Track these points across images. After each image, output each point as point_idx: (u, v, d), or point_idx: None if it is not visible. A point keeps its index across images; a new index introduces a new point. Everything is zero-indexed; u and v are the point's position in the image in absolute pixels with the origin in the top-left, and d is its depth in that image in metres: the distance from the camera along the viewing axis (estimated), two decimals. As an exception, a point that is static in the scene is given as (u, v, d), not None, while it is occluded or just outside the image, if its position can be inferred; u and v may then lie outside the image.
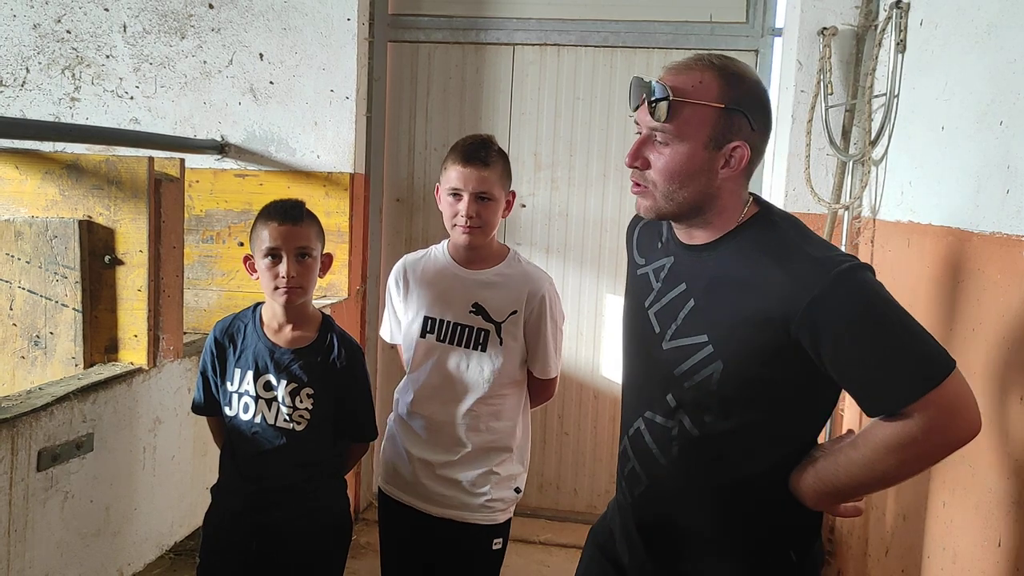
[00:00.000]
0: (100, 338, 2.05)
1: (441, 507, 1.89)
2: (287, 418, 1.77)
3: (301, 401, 1.77)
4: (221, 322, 1.87)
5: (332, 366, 1.80)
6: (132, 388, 1.99)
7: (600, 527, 1.54)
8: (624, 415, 1.43)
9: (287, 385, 1.77)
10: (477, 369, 1.85)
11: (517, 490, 1.95)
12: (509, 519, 1.95)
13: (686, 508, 1.32)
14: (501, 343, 1.85)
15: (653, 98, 1.22)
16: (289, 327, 1.80)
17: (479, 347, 1.85)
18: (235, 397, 1.79)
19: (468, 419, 1.87)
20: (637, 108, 1.28)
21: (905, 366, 1.12)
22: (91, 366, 2.03)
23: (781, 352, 1.18)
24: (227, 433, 1.84)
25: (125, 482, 1.98)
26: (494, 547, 1.92)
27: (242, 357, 1.80)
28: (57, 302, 2.02)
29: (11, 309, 2.04)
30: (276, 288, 1.73)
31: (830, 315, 1.13)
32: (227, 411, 1.81)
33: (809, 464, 1.24)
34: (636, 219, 1.53)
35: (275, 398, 1.77)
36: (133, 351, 2.05)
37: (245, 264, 1.81)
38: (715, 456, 1.27)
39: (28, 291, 2.03)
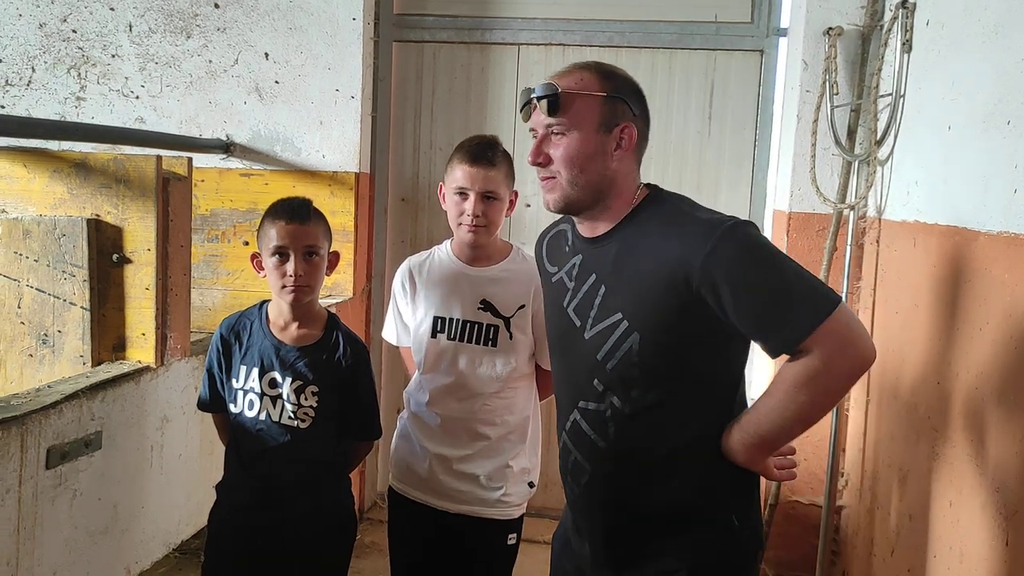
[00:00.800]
0: (108, 336, 2.05)
1: (457, 503, 1.90)
2: (291, 415, 1.77)
3: (306, 399, 1.77)
4: (228, 319, 1.87)
5: (337, 364, 1.80)
6: (140, 386, 2.00)
7: (558, 532, 1.62)
8: (559, 413, 1.50)
9: (292, 382, 1.77)
10: (489, 365, 1.87)
11: (531, 484, 1.97)
12: (523, 515, 1.97)
13: (630, 486, 1.38)
14: (511, 337, 1.87)
15: (542, 95, 1.34)
16: (295, 325, 1.80)
17: (490, 343, 1.87)
18: (240, 394, 1.80)
19: (483, 413, 1.88)
20: (529, 114, 1.40)
21: (794, 304, 1.22)
22: (99, 364, 2.03)
23: (688, 309, 1.27)
24: (232, 430, 1.84)
25: (133, 480, 1.99)
26: (509, 542, 1.93)
27: (248, 354, 1.81)
28: (65, 300, 2.03)
29: (19, 307, 2.05)
30: (284, 287, 1.74)
31: (722, 267, 1.23)
32: (232, 408, 1.82)
33: (734, 423, 1.33)
34: (541, 236, 1.65)
35: (280, 395, 1.77)
36: (141, 349, 2.05)
37: (252, 262, 1.81)
38: (648, 428, 1.35)
39: (36, 289, 2.04)
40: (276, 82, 3.08)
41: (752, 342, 1.33)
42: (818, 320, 1.20)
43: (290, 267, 1.73)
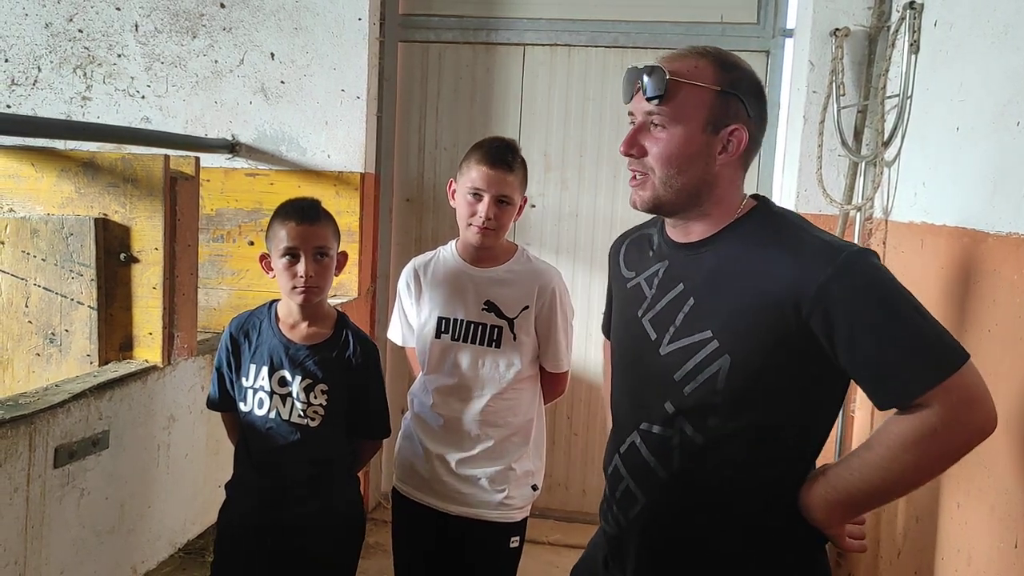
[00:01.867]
0: (115, 336, 2.05)
1: (459, 505, 1.90)
2: (301, 414, 1.77)
3: (316, 397, 1.77)
4: (237, 318, 1.88)
5: (347, 363, 1.81)
6: (147, 386, 2.00)
7: (583, 566, 1.47)
8: (615, 433, 1.36)
9: (302, 381, 1.77)
10: (493, 365, 1.87)
11: (534, 487, 1.97)
12: (526, 518, 1.96)
13: (687, 523, 1.25)
14: (515, 339, 1.87)
15: (649, 78, 1.20)
16: (304, 324, 1.81)
17: (493, 343, 1.86)
18: (250, 393, 1.80)
19: (486, 415, 1.88)
20: (631, 96, 1.25)
21: (921, 352, 1.08)
22: (106, 364, 2.03)
23: (790, 339, 1.14)
24: (242, 429, 1.84)
25: (140, 480, 1.99)
26: (511, 545, 1.92)
27: (257, 353, 1.81)
28: (72, 300, 2.03)
29: (27, 306, 2.05)
30: (294, 288, 1.74)
31: (841, 298, 1.10)
32: (242, 407, 1.82)
33: (819, 474, 1.19)
34: (620, 239, 1.50)
35: (289, 394, 1.77)
36: (148, 349, 2.05)
37: (261, 263, 1.81)
38: (719, 464, 1.21)
39: (44, 288, 2.04)
40: (282, 82, 3.08)
41: (855, 389, 1.20)
42: (943, 375, 1.06)
43: (300, 268, 1.73)
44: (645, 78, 1.20)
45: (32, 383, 2.02)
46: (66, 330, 2.04)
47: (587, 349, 3.29)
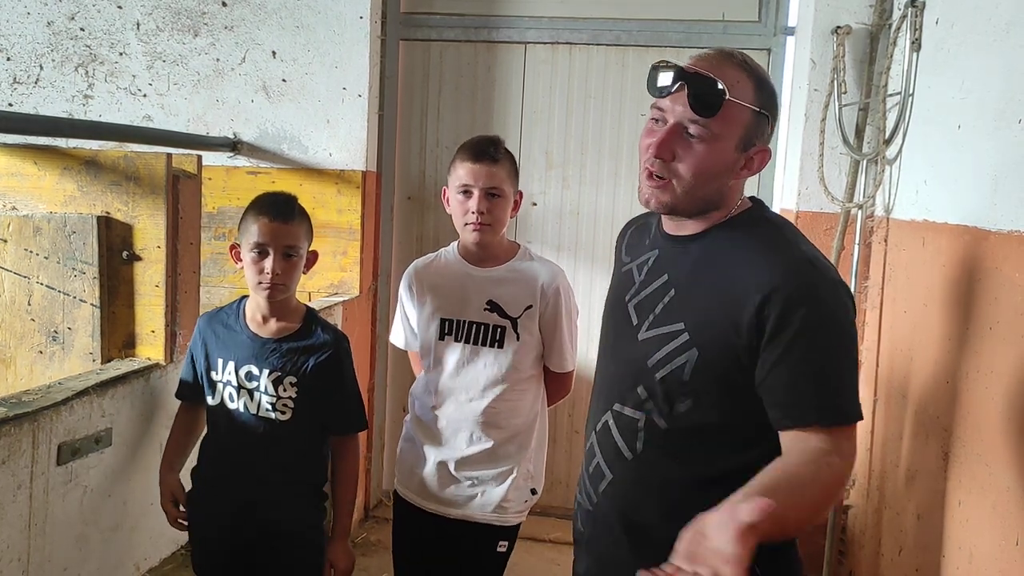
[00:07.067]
0: (117, 333, 2.06)
1: (456, 508, 1.88)
2: (269, 407, 1.78)
3: (284, 390, 1.78)
4: (207, 313, 1.91)
5: (316, 354, 1.81)
6: (149, 383, 2.00)
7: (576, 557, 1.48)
8: (592, 411, 1.39)
9: (270, 374, 1.78)
10: (496, 366, 1.86)
11: (533, 491, 1.95)
12: (520, 523, 1.94)
13: (646, 506, 1.28)
14: (518, 338, 1.86)
15: (701, 91, 1.16)
16: (273, 320, 1.82)
17: (496, 344, 1.86)
18: (219, 386, 1.82)
19: (488, 415, 1.87)
20: (664, 93, 1.20)
21: (836, 393, 1.14)
22: (108, 361, 2.04)
23: (750, 339, 1.16)
24: (211, 423, 1.86)
25: (142, 477, 1.99)
26: (499, 549, 1.90)
27: (226, 347, 1.82)
28: (75, 297, 2.03)
29: (29, 304, 2.05)
30: (260, 283, 1.76)
31: (804, 311, 1.12)
32: (210, 400, 1.83)
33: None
34: (628, 223, 1.52)
35: (257, 387, 1.79)
36: (150, 346, 2.06)
37: (231, 252, 1.83)
38: (678, 451, 1.25)
39: (46, 286, 2.04)
40: (283, 80, 3.09)
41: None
42: (848, 420, 1.14)
43: (268, 264, 1.74)
44: (697, 89, 1.16)
45: (35, 381, 2.03)
46: (69, 328, 2.04)
47: (588, 348, 3.28)
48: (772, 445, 1.21)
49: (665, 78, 1.20)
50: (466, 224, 1.83)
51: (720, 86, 1.16)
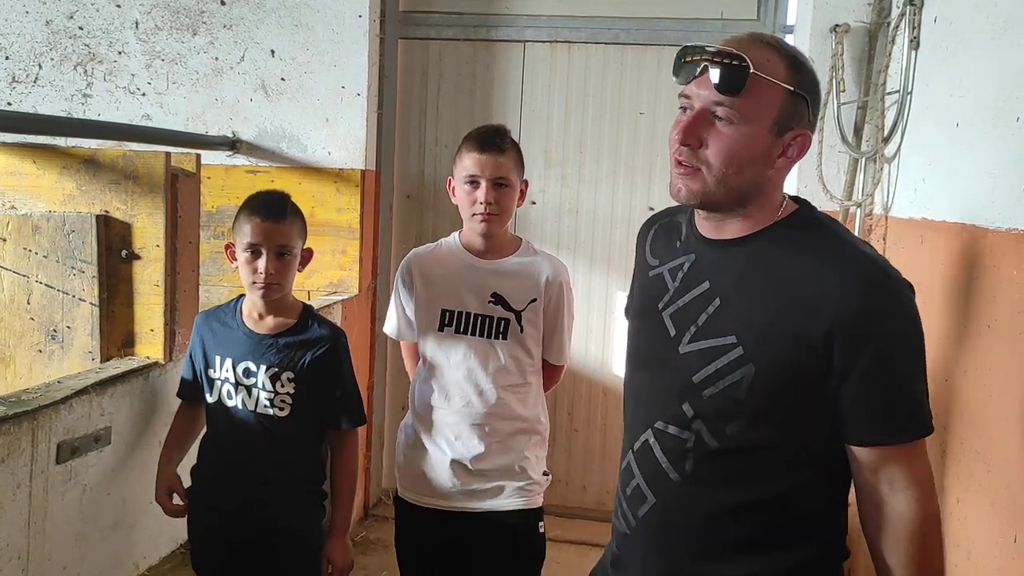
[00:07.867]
0: (116, 332, 2.06)
1: (485, 501, 1.86)
2: (267, 403, 1.78)
3: (282, 386, 1.78)
4: (204, 311, 1.92)
5: (313, 349, 1.81)
6: (149, 382, 2.00)
7: (599, 570, 1.41)
8: (628, 430, 1.30)
9: (267, 370, 1.79)
10: (500, 358, 1.85)
11: (545, 473, 1.95)
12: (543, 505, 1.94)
13: (695, 531, 1.20)
14: (522, 331, 1.85)
15: (726, 69, 1.09)
16: (270, 316, 1.83)
17: (500, 336, 1.84)
18: (217, 383, 1.82)
19: (496, 408, 1.85)
20: (689, 77, 1.14)
21: (927, 403, 1.12)
22: (107, 360, 2.04)
23: (814, 352, 1.10)
24: (210, 422, 1.86)
25: (141, 475, 1.99)
26: (540, 530, 1.90)
27: (223, 344, 1.83)
28: (74, 296, 2.03)
29: (28, 303, 2.06)
30: (254, 283, 1.76)
31: (892, 324, 1.09)
32: (209, 398, 1.83)
33: None
34: (651, 220, 1.42)
35: (255, 384, 1.79)
36: (149, 345, 2.06)
37: (226, 251, 1.83)
38: (732, 472, 1.17)
39: (45, 285, 2.04)
40: (282, 79, 3.09)
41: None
42: (929, 432, 1.11)
43: (261, 264, 1.74)
44: (720, 68, 1.09)
45: (34, 380, 2.03)
46: (68, 327, 2.05)
47: (587, 345, 3.29)
48: (816, 468, 1.18)
49: (690, 63, 1.14)
50: (474, 214, 1.81)
51: (747, 60, 1.09)
